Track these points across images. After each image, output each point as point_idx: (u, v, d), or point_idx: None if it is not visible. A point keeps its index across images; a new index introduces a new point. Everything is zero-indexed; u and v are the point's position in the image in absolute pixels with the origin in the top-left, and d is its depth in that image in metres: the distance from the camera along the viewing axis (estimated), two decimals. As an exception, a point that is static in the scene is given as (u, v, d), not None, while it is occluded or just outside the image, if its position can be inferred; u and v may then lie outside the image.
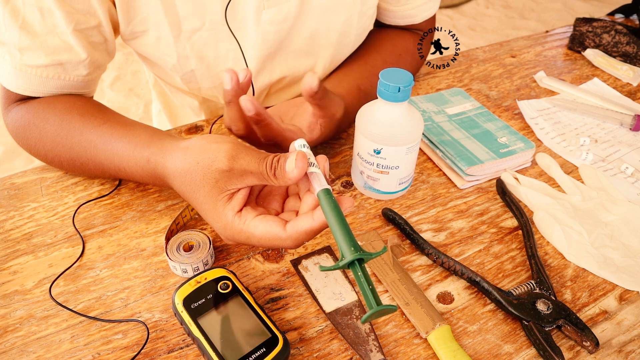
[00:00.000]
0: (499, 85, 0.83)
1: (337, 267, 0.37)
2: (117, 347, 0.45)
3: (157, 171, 0.49)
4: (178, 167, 0.45)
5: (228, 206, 0.43)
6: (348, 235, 0.37)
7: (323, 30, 0.68)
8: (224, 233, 0.44)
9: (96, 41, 0.59)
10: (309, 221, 0.40)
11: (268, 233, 0.41)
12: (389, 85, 0.51)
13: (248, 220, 0.42)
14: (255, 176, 0.42)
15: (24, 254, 0.53)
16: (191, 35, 0.62)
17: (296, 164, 0.40)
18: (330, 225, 0.38)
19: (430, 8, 0.77)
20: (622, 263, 0.53)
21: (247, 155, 0.42)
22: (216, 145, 0.43)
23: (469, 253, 0.54)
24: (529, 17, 3.10)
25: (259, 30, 0.63)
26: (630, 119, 0.73)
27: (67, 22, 0.54)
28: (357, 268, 0.36)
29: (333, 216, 0.38)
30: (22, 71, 0.56)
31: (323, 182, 0.40)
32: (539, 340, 0.44)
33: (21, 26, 0.54)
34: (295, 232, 0.41)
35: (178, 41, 0.62)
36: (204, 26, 0.61)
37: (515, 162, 0.65)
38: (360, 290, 0.36)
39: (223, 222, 0.43)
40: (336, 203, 0.39)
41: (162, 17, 0.59)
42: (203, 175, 0.42)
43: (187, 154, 0.44)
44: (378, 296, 0.35)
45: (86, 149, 0.55)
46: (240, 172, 0.42)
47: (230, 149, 0.42)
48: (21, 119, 0.58)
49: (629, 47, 0.89)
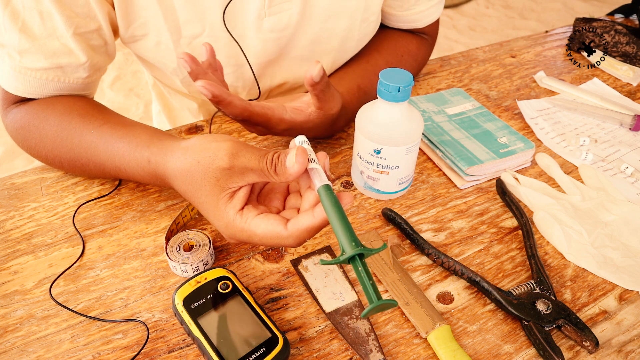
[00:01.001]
0: (499, 85, 0.83)
1: (338, 261, 0.37)
2: (117, 347, 0.45)
3: (157, 171, 0.48)
4: (179, 166, 0.45)
5: (229, 205, 0.43)
6: (349, 230, 0.37)
7: (325, 37, 0.67)
8: (226, 232, 0.44)
9: (96, 44, 0.58)
10: (310, 219, 0.40)
11: (270, 232, 0.41)
12: (389, 85, 0.51)
13: (249, 219, 0.42)
14: (256, 173, 0.42)
15: (24, 254, 0.53)
16: (191, 41, 0.62)
17: (296, 159, 0.40)
18: (330, 221, 0.38)
19: (434, 13, 0.76)
20: (622, 263, 0.53)
21: (247, 153, 0.42)
22: (216, 144, 0.43)
23: (468, 253, 0.54)
24: (529, 17, 3.10)
25: (260, 37, 0.63)
26: (630, 119, 0.73)
27: (66, 25, 0.54)
28: (357, 263, 0.36)
29: (333, 212, 0.38)
30: (22, 73, 0.56)
31: (323, 178, 0.40)
32: (539, 340, 0.44)
33: (21, 29, 0.53)
34: (297, 230, 0.41)
35: (178, 46, 0.62)
36: (204, 32, 0.61)
37: (515, 162, 0.65)
38: (360, 285, 0.36)
39: (225, 220, 0.43)
40: (336, 199, 0.39)
41: (161, 23, 0.59)
42: (204, 174, 0.42)
43: (187, 153, 0.44)
44: (378, 291, 0.35)
45: (87, 150, 0.55)
46: (240, 170, 0.42)
47: (231, 147, 0.42)
48: (21, 120, 0.58)
49: (629, 47, 0.89)
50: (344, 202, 0.40)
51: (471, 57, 0.91)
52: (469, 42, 2.82)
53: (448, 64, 0.88)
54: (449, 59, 0.90)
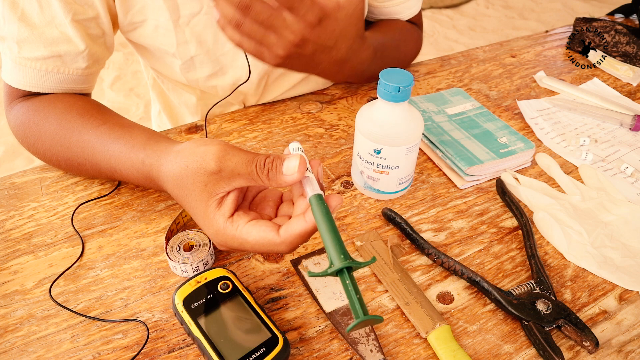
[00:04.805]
0: (499, 85, 0.83)
1: (326, 273, 0.36)
2: (117, 347, 0.45)
3: (151, 174, 0.48)
4: (170, 171, 0.44)
5: (218, 213, 0.42)
6: (338, 242, 0.36)
7: None
8: (216, 239, 0.43)
9: (94, 33, 0.59)
10: (302, 223, 0.39)
11: (262, 238, 0.40)
12: (389, 85, 0.51)
13: (240, 226, 0.41)
14: (244, 178, 0.41)
15: (24, 254, 0.53)
16: (190, 20, 0.63)
17: (299, 168, 0.39)
18: (320, 232, 0.38)
19: (414, 6, 0.79)
20: (622, 263, 0.53)
21: (234, 156, 0.41)
22: (204, 148, 0.42)
23: (469, 253, 0.54)
24: (529, 17, 3.10)
25: None
26: (630, 119, 0.73)
27: (65, 12, 0.55)
28: (345, 276, 0.36)
29: (323, 222, 0.37)
30: (22, 65, 0.57)
31: (315, 187, 0.40)
32: (539, 340, 0.44)
33: (20, 18, 0.55)
34: (290, 236, 0.40)
35: (177, 26, 0.63)
36: (202, 10, 0.62)
37: (515, 162, 0.65)
38: (347, 298, 0.35)
39: (215, 228, 0.42)
40: (327, 209, 0.38)
41: (160, 3, 0.60)
42: (193, 179, 0.42)
43: (178, 157, 0.44)
44: (365, 306, 0.35)
45: (83, 149, 0.55)
46: (228, 174, 0.41)
47: (218, 151, 0.41)
48: (22, 116, 0.59)
49: (629, 47, 0.89)
50: (333, 205, 0.39)
51: (471, 57, 0.91)
52: (469, 42, 2.82)
53: (448, 64, 0.88)
54: (449, 59, 0.90)
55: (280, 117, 0.74)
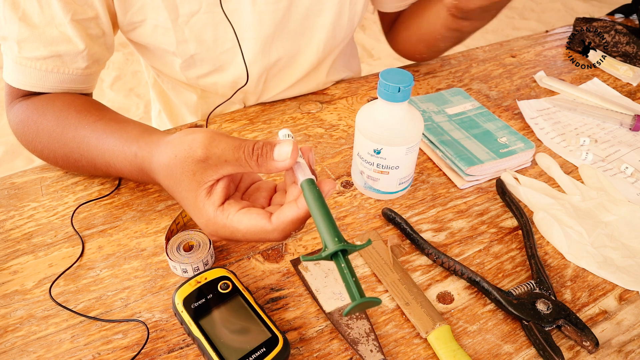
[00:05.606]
0: (499, 85, 0.83)
1: (320, 257, 0.35)
2: (117, 347, 0.45)
3: (144, 166, 0.48)
4: (161, 161, 0.44)
5: (208, 201, 0.41)
6: (331, 225, 0.36)
7: (316, 10, 0.69)
8: (207, 229, 0.42)
9: (94, 33, 0.59)
10: (294, 209, 0.38)
11: (253, 226, 0.39)
12: (389, 85, 0.51)
13: (231, 215, 0.40)
14: (231, 164, 0.40)
15: (24, 254, 0.53)
16: (189, 19, 0.63)
17: (291, 154, 0.39)
18: (313, 216, 0.37)
19: None
20: (622, 263, 0.53)
21: (221, 143, 0.40)
22: (192, 136, 0.41)
23: (469, 253, 0.54)
24: (529, 17, 3.10)
25: (255, 10, 0.64)
26: (630, 119, 0.73)
27: (64, 12, 0.55)
28: (340, 259, 0.35)
29: (316, 206, 0.36)
30: (22, 65, 0.57)
31: (307, 172, 0.39)
32: (539, 340, 0.44)
33: (21, 18, 0.55)
34: (282, 223, 0.39)
35: (176, 26, 0.63)
36: (200, 9, 0.62)
37: (515, 162, 0.65)
38: (343, 282, 0.34)
39: (205, 217, 0.41)
40: (320, 193, 0.37)
41: (158, 3, 0.60)
42: (182, 168, 0.41)
43: (167, 147, 0.43)
44: (362, 289, 0.34)
45: (79, 145, 0.55)
46: (216, 161, 0.40)
47: (205, 138, 0.40)
48: (21, 114, 0.59)
49: (629, 47, 0.89)
50: (325, 190, 0.39)
51: (471, 57, 0.91)
52: (469, 42, 2.82)
53: (448, 64, 0.88)
54: (449, 59, 0.90)
55: (280, 117, 0.74)
